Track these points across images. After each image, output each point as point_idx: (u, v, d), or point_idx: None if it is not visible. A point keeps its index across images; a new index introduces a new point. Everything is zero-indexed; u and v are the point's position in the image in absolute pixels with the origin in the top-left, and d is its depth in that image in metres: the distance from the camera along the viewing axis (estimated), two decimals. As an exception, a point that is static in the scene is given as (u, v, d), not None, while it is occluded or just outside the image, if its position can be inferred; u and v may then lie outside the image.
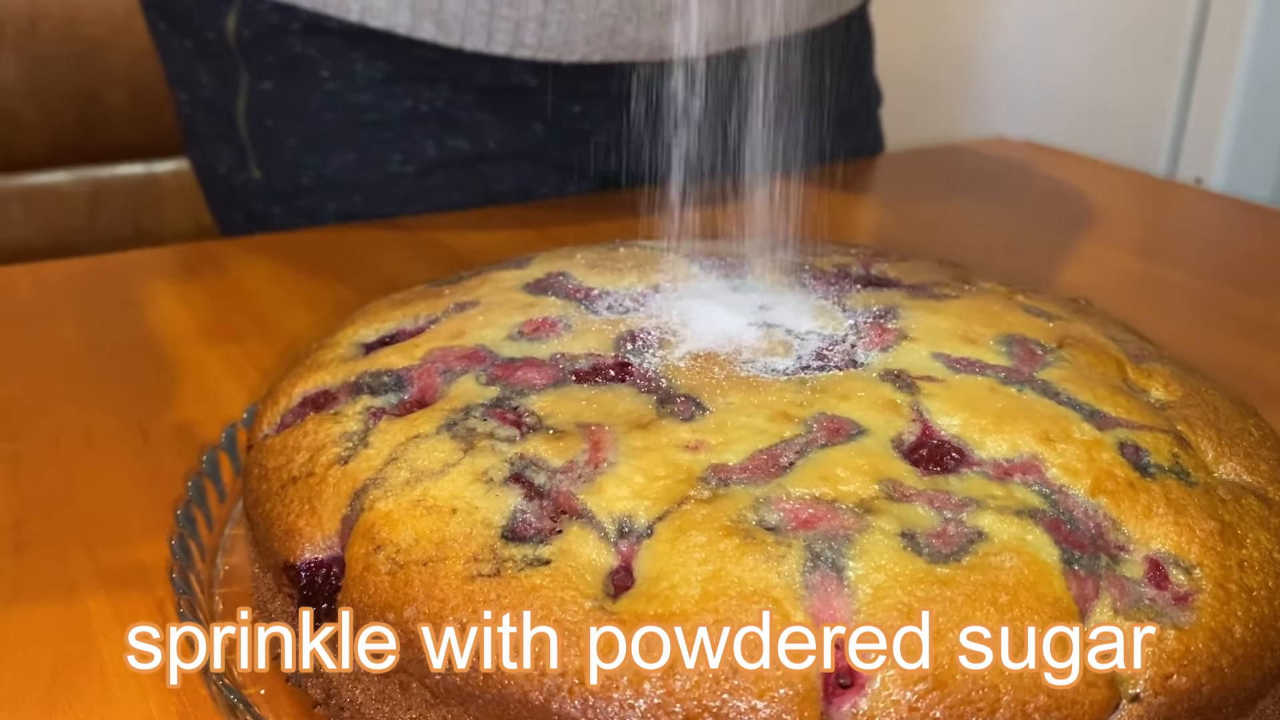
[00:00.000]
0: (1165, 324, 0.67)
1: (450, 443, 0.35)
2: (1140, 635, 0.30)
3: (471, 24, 0.76)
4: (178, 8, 0.81)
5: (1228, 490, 0.36)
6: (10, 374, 0.57)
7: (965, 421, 0.36)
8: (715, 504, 0.32)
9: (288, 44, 0.79)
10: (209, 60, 0.81)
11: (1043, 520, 0.32)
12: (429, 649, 0.30)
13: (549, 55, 0.78)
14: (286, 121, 0.81)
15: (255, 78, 0.80)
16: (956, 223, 0.85)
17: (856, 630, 0.29)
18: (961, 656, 0.29)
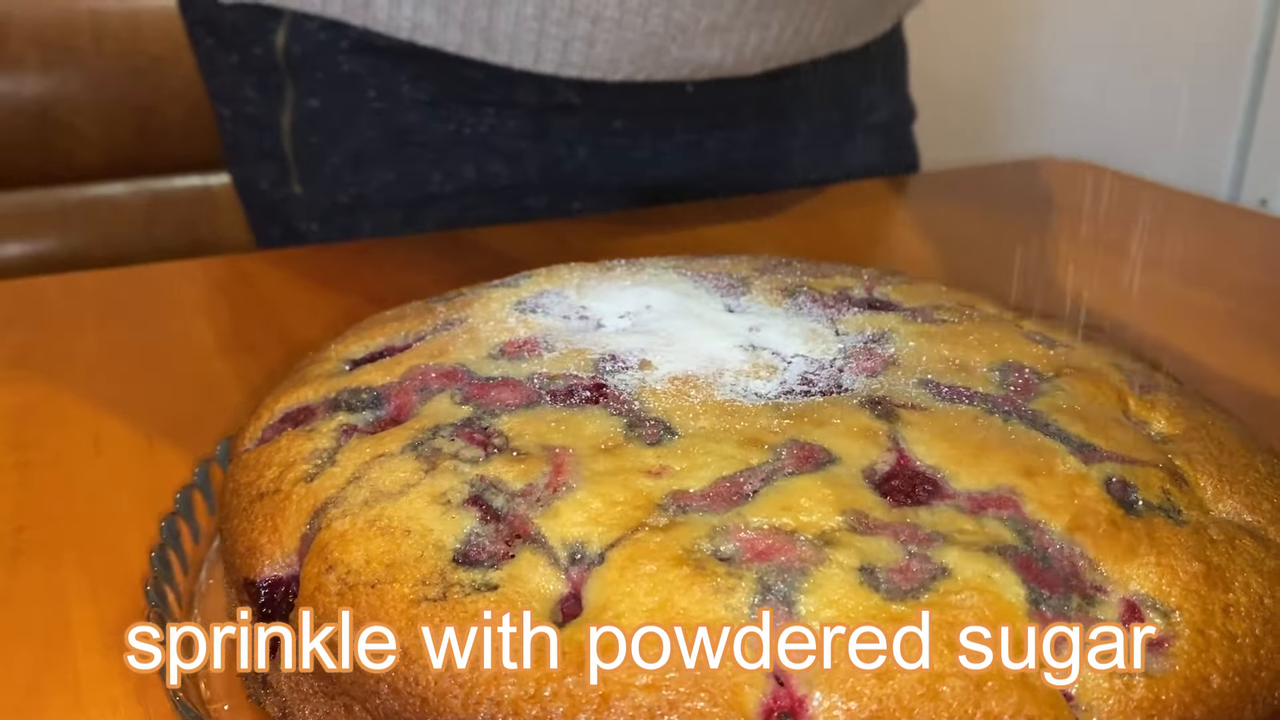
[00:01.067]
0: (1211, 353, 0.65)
1: (413, 462, 0.35)
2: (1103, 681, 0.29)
3: (520, 42, 0.76)
4: (226, 24, 0.82)
5: (1221, 530, 0.34)
6: (28, 382, 0.58)
7: (943, 452, 0.35)
8: (670, 532, 0.31)
9: (336, 62, 0.80)
10: (255, 76, 0.82)
11: (1012, 558, 0.31)
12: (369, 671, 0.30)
13: (595, 74, 0.78)
14: (330, 139, 0.82)
15: (302, 94, 0.81)
16: (992, 244, 0.83)
17: (801, 665, 0.28)
18: (908, 696, 0.28)
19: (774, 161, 0.94)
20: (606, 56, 0.76)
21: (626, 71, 0.78)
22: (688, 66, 0.79)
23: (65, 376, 0.59)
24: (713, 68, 0.80)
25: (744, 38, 0.79)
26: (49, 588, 0.43)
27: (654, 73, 0.78)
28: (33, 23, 1.25)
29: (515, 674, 0.29)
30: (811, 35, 0.84)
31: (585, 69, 0.76)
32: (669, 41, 0.77)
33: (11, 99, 1.25)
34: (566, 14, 0.74)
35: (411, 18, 0.75)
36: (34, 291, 0.70)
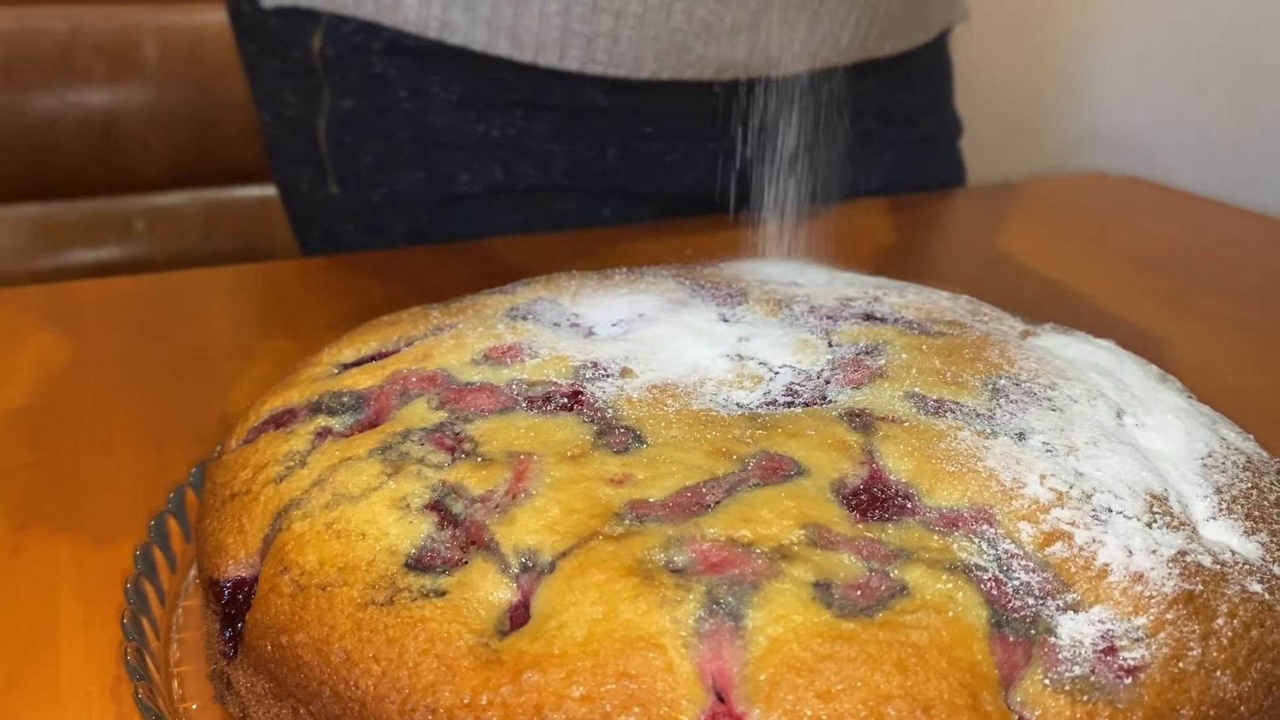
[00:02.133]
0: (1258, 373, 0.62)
1: (378, 466, 0.35)
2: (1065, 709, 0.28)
3: (545, 40, 0.77)
4: (267, 29, 0.84)
5: (1211, 555, 0.33)
6: (51, 382, 0.59)
7: (917, 467, 0.34)
8: (624, 542, 0.31)
9: (369, 63, 0.81)
10: (294, 79, 0.84)
11: (979, 577, 0.30)
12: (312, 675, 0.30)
13: (620, 71, 0.78)
14: (364, 139, 0.83)
15: (337, 96, 0.82)
16: (1034, 260, 0.81)
17: (741, 682, 0.27)
18: (850, 717, 0.27)
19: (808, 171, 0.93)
20: (631, 54, 0.76)
21: (651, 69, 0.78)
22: (713, 65, 0.79)
23: (87, 378, 0.60)
24: (739, 67, 0.80)
25: (769, 37, 0.79)
26: (42, 583, 0.43)
27: (679, 71, 0.78)
28: (99, 37, 1.28)
29: (452, 682, 0.28)
30: (841, 38, 0.83)
31: (610, 66, 0.77)
32: (693, 39, 0.77)
33: (78, 111, 1.28)
34: (590, 10, 0.74)
35: (440, 16, 0.76)
36: (67, 295, 0.71)
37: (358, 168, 0.83)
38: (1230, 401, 0.46)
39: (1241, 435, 0.41)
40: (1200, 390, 0.44)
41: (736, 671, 0.28)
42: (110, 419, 0.56)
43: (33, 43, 1.26)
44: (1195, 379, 0.47)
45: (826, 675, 0.27)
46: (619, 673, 0.27)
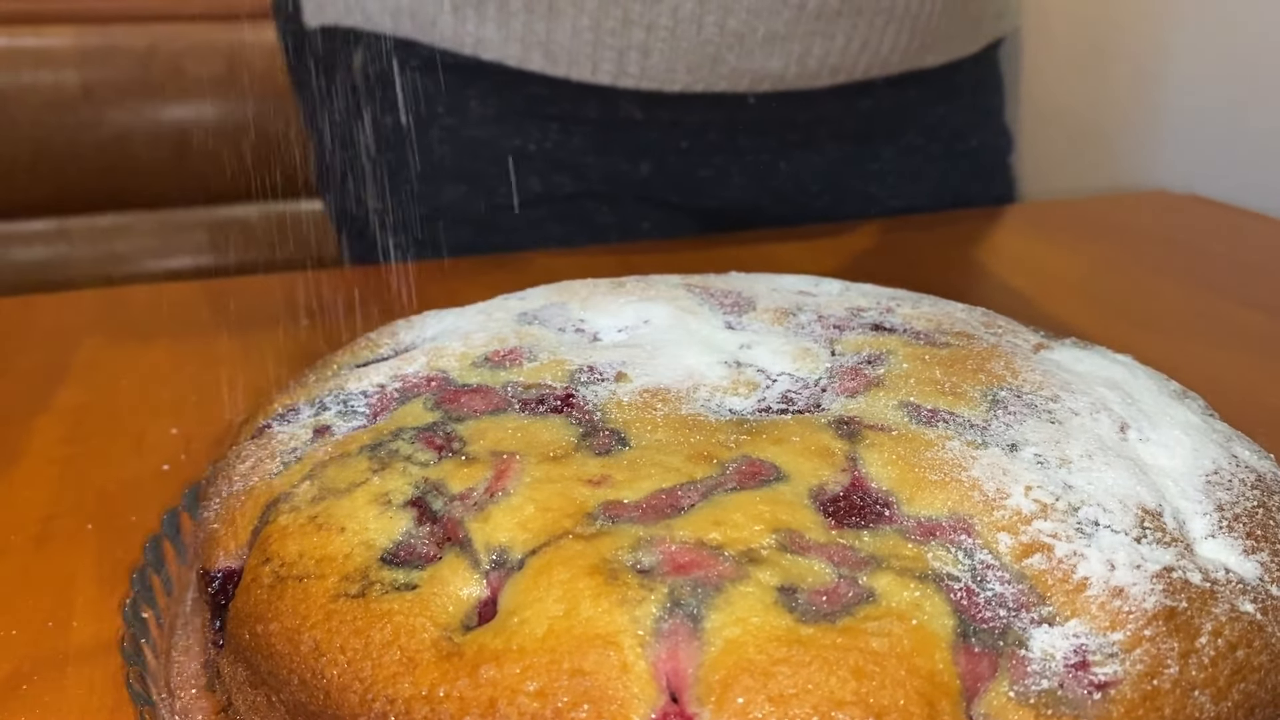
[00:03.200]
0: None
1: (366, 463, 0.35)
2: None
3: (577, 54, 0.77)
4: (312, 47, 0.86)
5: (1202, 572, 0.32)
6: (94, 383, 0.61)
7: (900, 476, 0.33)
8: (593, 541, 0.31)
9: (408, 80, 0.82)
10: (336, 97, 0.85)
11: (949, 587, 0.29)
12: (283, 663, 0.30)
13: (652, 84, 0.79)
14: (404, 155, 0.84)
15: (378, 112, 0.84)
16: (1084, 278, 0.79)
17: (694, 684, 0.27)
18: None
19: (851, 187, 0.92)
20: (663, 66, 0.77)
21: (684, 81, 0.78)
22: (747, 77, 0.79)
23: (129, 379, 0.62)
24: (775, 78, 0.80)
25: (806, 48, 0.79)
26: (62, 572, 0.45)
27: (712, 83, 0.78)
28: (175, 54, 1.33)
29: (413, 674, 0.29)
30: (882, 49, 0.82)
31: (642, 79, 0.77)
32: (725, 50, 0.77)
33: (152, 125, 1.33)
34: (621, 24, 0.74)
35: (474, 33, 0.77)
36: (121, 299, 0.74)
37: (399, 183, 0.85)
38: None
39: (1260, 454, 0.40)
40: (1248, 412, 0.43)
41: (691, 672, 0.27)
42: (144, 419, 0.57)
43: (112, 60, 1.31)
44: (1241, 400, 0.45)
45: (780, 679, 0.27)
46: (573, 669, 0.28)
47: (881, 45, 0.83)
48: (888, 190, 0.94)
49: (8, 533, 0.47)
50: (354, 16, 0.82)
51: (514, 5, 0.77)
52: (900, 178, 0.94)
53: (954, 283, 0.80)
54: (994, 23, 0.97)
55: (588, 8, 0.76)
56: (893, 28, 0.82)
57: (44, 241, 1.34)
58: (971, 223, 0.89)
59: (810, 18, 0.78)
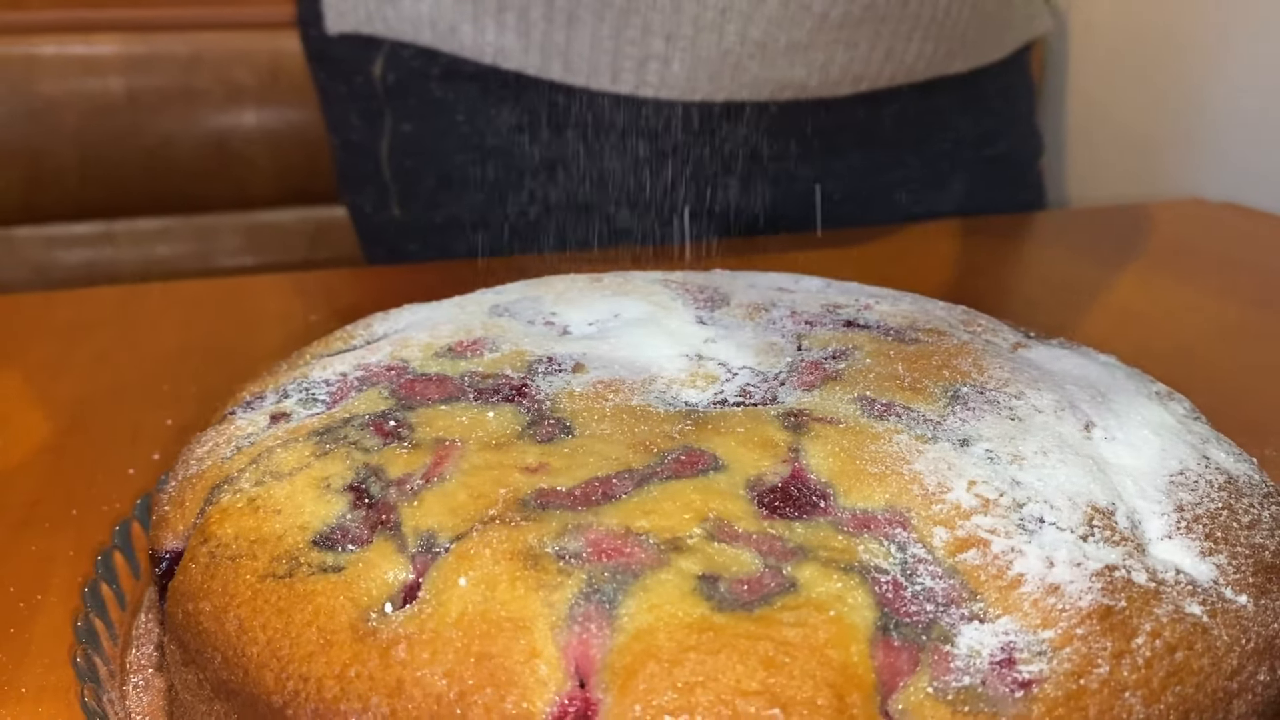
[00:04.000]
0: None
1: (311, 448, 0.35)
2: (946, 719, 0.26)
3: (597, 64, 0.77)
4: (333, 54, 0.87)
5: (1149, 572, 0.31)
6: (98, 377, 0.62)
7: (841, 467, 0.33)
8: (518, 527, 0.30)
9: (428, 88, 0.83)
10: (358, 104, 0.86)
11: (876, 579, 0.29)
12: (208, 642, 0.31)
13: (672, 94, 0.78)
14: (424, 162, 0.85)
15: (398, 120, 0.85)
16: (1105, 287, 0.77)
17: (602, 670, 0.27)
18: (704, 712, 0.26)
19: (875, 193, 0.91)
20: (683, 75, 0.76)
21: (705, 91, 0.77)
22: (769, 86, 0.78)
23: (134, 373, 0.63)
24: (797, 87, 0.79)
25: (829, 56, 0.78)
26: (41, 556, 0.46)
27: (734, 92, 0.78)
28: (217, 61, 1.35)
29: (327, 653, 0.29)
30: (907, 57, 0.81)
31: (662, 88, 0.77)
32: (747, 59, 0.76)
33: (194, 130, 1.35)
34: (641, 33, 0.74)
35: (494, 43, 0.77)
36: (135, 296, 0.75)
37: (419, 190, 0.85)
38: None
39: (1239, 458, 0.39)
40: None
41: (600, 658, 0.27)
42: (144, 412, 0.58)
43: (156, 67, 1.33)
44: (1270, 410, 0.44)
45: (686, 666, 0.26)
46: (480, 653, 0.27)
47: (906, 53, 0.82)
48: (913, 197, 0.93)
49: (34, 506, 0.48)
50: (374, 24, 0.83)
51: (533, 15, 0.77)
52: (926, 184, 0.93)
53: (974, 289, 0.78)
54: (1024, 27, 0.95)
55: (607, 17, 0.76)
56: (918, 35, 0.81)
57: (89, 244, 1.37)
58: (996, 229, 0.87)
59: (833, 27, 0.77)
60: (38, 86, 1.29)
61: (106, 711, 0.33)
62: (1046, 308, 0.73)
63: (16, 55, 1.29)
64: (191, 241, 1.41)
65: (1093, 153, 1.20)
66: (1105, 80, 1.20)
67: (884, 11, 0.78)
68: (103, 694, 0.34)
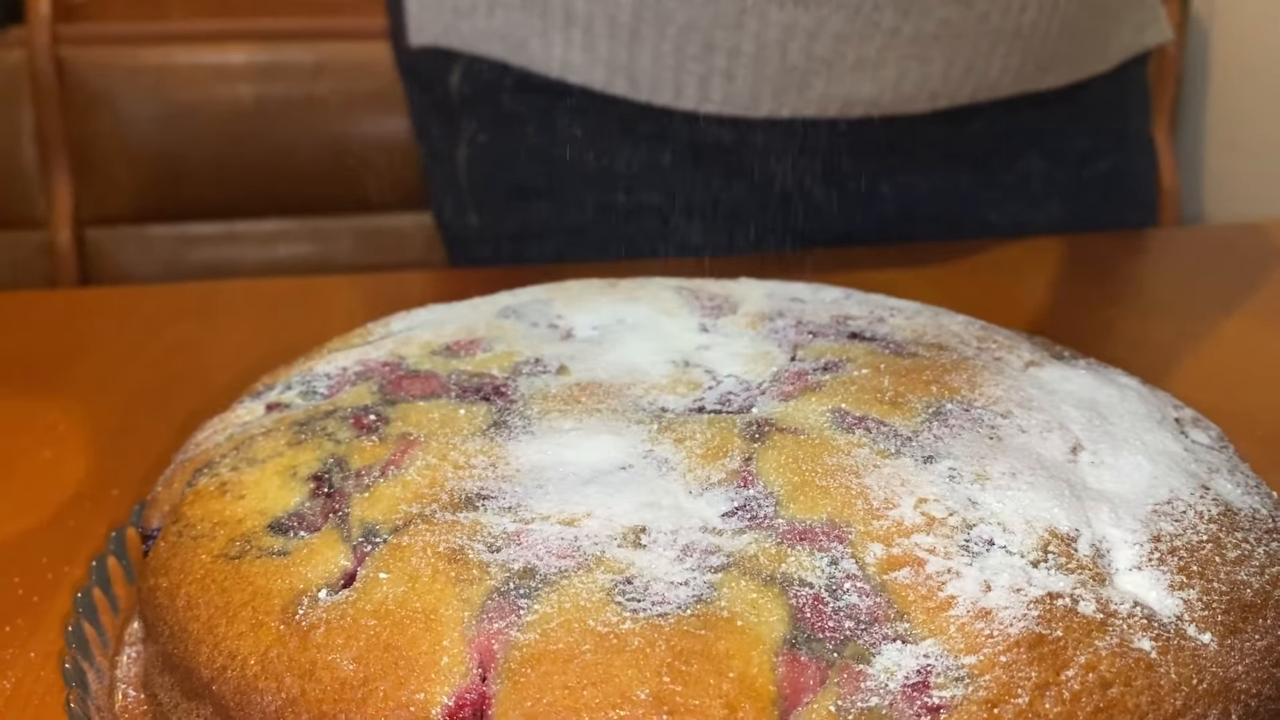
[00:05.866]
0: None
1: (289, 437, 0.36)
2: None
3: (660, 79, 0.77)
4: (416, 66, 0.89)
5: (1100, 603, 0.29)
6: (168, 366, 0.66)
7: (789, 478, 0.32)
8: (452, 525, 0.31)
9: (500, 100, 0.85)
10: (438, 114, 0.89)
11: (797, 593, 0.28)
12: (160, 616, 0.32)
13: (735, 110, 0.78)
14: (497, 171, 0.87)
15: (473, 130, 0.87)
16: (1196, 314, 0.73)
17: (501, 666, 0.27)
18: (589, 712, 0.26)
19: (963, 213, 0.88)
20: (747, 92, 0.75)
21: (769, 107, 0.76)
22: (836, 102, 0.76)
23: (200, 364, 0.66)
24: (867, 104, 0.77)
25: (901, 73, 0.76)
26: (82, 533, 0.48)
27: (799, 108, 0.77)
28: (340, 69, 1.41)
29: (256, 634, 0.29)
30: (989, 72, 0.78)
31: (725, 104, 0.76)
32: (812, 76, 0.75)
33: (316, 136, 1.41)
34: (703, 49, 0.74)
35: (561, 57, 0.78)
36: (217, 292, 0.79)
37: (492, 198, 0.87)
38: None
39: (1251, 491, 0.36)
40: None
41: (501, 654, 0.27)
42: (201, 400, 0.61)
43: (281, 75, 1.40)
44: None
45: (579, 668, 0.26)
46: (389, 642, 0.28)
47: (989, 69, 0.79)
48: (1005, 216, 0.90)
49: (45, 492, 0.51)
50: (451, 37, 0.85)
51: (598, 30, 0.78)
52: (1019, 203, 0.90)
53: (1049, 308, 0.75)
54: (1133, 37, 0.91)
55: (669, 33, 0.76)
56: (1000, 50, 0.79)
57: (215, 243, 1.44)
58: (1093, 248, 0.84)
59: (904, 43, 0.75)
60: (173, 93, 1.37)
61: (92, 716, 0.34)
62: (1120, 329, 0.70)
63: (155, 64, 1.37)
64: (310, 243, 1.47)
65: (1233, 169, 1.14)
66: (1248, 93, 1.14)
67: (960, 27, 0.76)
68: (89, 700, 0.34)
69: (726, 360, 0.40)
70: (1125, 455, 0.35)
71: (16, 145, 1.36)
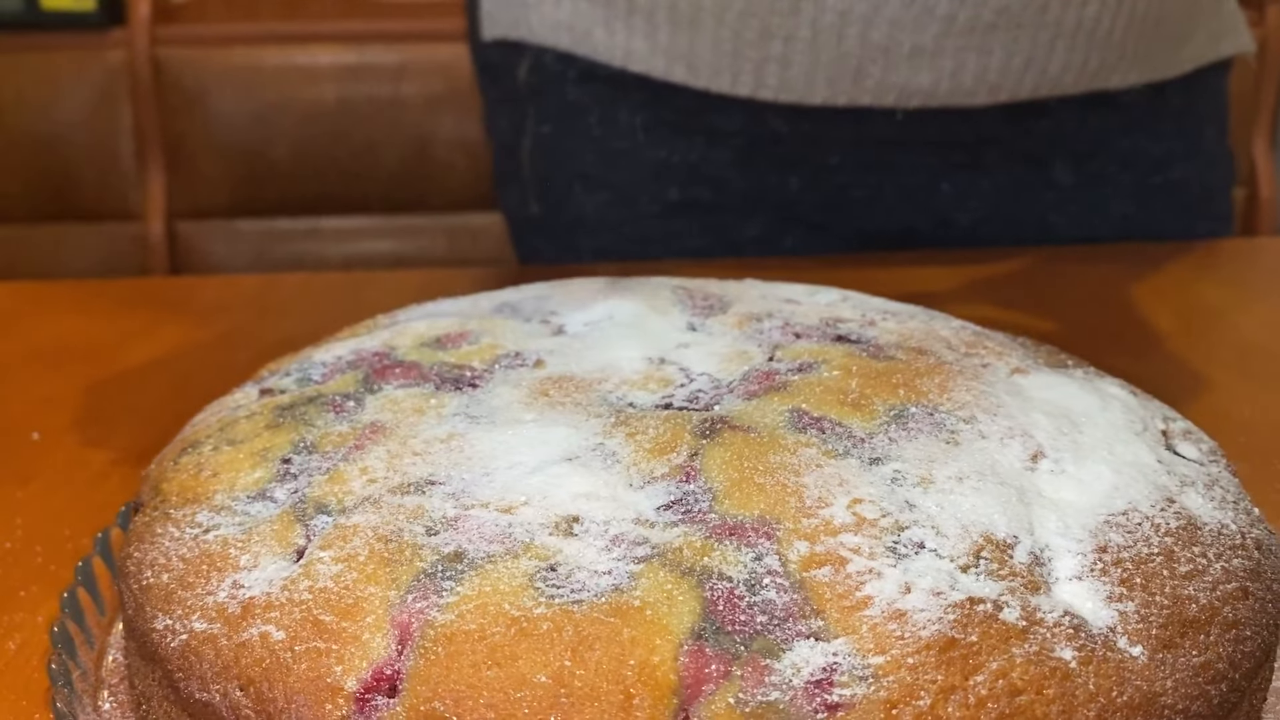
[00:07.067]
0: None
1: (269, 420, 0.38)
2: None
3: (717, 66, 0.78)
4: (488, 59, 0.92)
5: (1026, 610, 0.29)
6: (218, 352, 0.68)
7: (728, 475, 0.32)
8: (399, 507, 0.32)
9: (564, 91, 0.86)
10: (506, 105, 0.91)
11: (713, 586, 0.29)
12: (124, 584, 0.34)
13: (791, 97, 0.78)
14: (558, 162, 0.88)
15: (538, 122, 0.88)
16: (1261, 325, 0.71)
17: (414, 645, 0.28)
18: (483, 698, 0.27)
19: (1024, 215, 0.86)
20: (802, 78, 0.76)
21: (824, 95, 0.76)
22: (893, 92, 0.76)
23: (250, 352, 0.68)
24: (924, 94, 0.76)
25: (959, 63, 0.75)
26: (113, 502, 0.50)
27: (855, 97, 0.76)
28: (423, 71, 1.44)
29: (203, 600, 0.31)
30: (1050, 67, 0.77)
31: (780, 91, 0.76)
32: (868, 63, 0.75)
33: (399, 135, 1.45)
34: (759, 36, 0.74)
35: (624, 45, 0.80)
36: (275, 285, 0.82)
37: (552, 188, 0.88)
38: None
39: (1226, 506, 0.35)
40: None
41: (419, 633, 0.28)
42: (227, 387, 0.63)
43: (366, 75, 1.44)
44: None
45: (487, 649, 0.27)
46: (318, 617, 0.29)
47: (1050, 63, 0.78)
48: (1068, 220, 0.88)
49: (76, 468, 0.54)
50: (520, 29, 0.87)
51: (659, 18, 0.79)
52: (1083, 208, 0.88)
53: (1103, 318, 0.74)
54: (1209, 45, 0.88)
55: (727, 20, 0.77)
56: (1062, 44, 0.77)
57: (299, 238, 1.48)
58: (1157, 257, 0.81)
59: (961, 32, 0.75)
60: (261, 92, 1.42)
61: (77, 715, 0.35)
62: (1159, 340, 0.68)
63: (245, 64, 1.42)
64: (391, 240, 1.51)
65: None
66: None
67: (1020, 17, 0.74)
68: (75, 699, 0.35)
69: (703, 359, 0.41)
70: (1088, 465, 0.35)
71: (115, 141, 1.43)
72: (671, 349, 0.42)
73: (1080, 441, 0.36)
